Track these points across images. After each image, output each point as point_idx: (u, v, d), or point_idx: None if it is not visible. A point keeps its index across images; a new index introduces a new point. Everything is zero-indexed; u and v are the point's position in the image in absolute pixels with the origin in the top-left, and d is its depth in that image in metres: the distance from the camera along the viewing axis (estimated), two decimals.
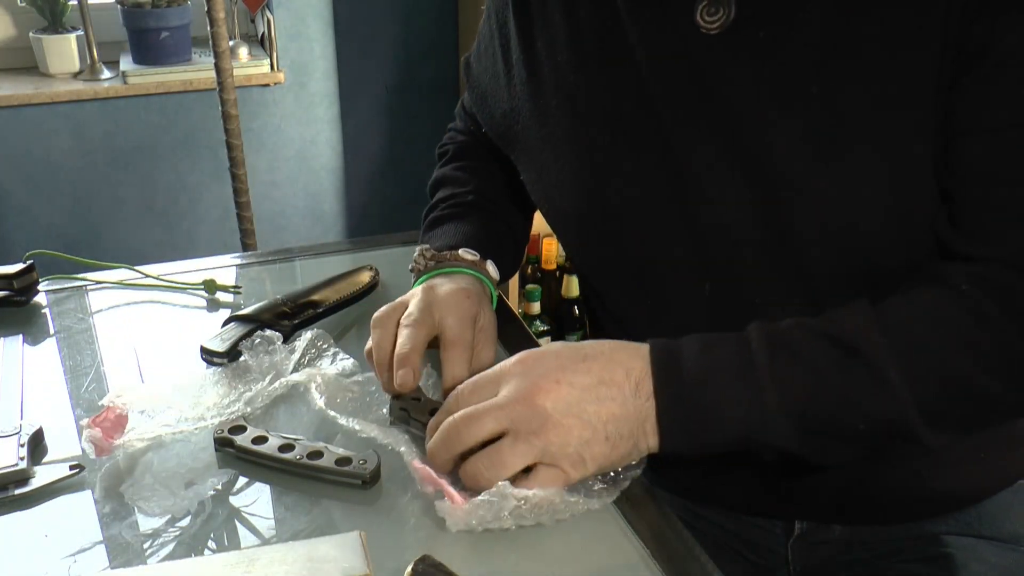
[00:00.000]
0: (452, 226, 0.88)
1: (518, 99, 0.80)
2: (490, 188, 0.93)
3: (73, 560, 0.62)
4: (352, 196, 2.41)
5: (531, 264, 2.33)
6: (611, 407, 0.63)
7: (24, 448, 0.70)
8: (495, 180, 0.93)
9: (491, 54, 0.85)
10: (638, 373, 0.64)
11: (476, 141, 0.96)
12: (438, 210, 0.91)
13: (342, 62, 2.26)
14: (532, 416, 0.63)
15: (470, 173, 0.94)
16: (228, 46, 1.77)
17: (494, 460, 0.63)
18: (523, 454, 0.62)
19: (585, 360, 0.65)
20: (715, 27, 0.66)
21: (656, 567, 0.62)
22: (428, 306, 0.75)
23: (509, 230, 0.92)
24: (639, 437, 0.64)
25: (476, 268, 0.83)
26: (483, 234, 0.87)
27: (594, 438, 0.63)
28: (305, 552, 0.59)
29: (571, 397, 0.63)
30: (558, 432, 0.62)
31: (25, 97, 2.01)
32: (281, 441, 0.70)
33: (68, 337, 0.90)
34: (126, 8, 2.05)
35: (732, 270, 0.71)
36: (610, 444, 0.63)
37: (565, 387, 0.63)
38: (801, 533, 0.82)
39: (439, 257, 0.83)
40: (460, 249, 0.83)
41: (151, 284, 1.00)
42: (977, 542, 0.79)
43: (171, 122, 2.18)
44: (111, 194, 2.20)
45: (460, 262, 0.82)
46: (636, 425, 0.64)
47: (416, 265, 0.84)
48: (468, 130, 0.99)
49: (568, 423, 0.63)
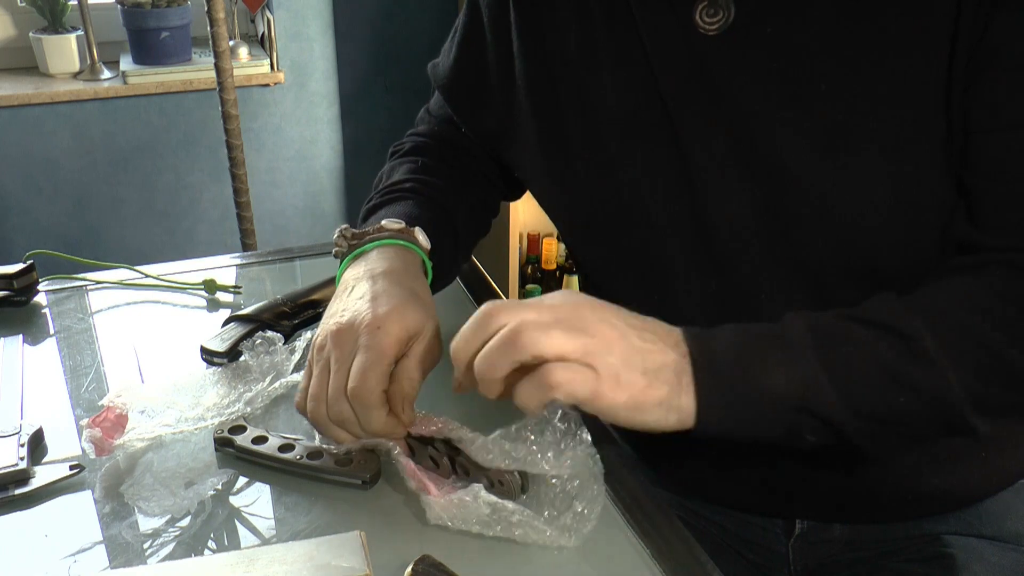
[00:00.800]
0: (384, 211, 0.82)
1: (517, 94, 0.80)
2: (434, 179, 0.87)
3: (73, 560, 0.62)
4: (352, 196, 2.41)
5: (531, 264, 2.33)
6: (652, 348, 0.59)
7: (24, 448, 0.70)
8: (446, 174, 0.89)
9: (477, 48, 0.83)
10: (677, 335, 0.61)
11: (438, 143, 0.93)
12: (372, 201, 0.85)
13: (342, 62, 2.26)
14: (578, 318, 0.59)
15: (417, 167, 0.89)
16: (228, 46, 1.77)
17: (534, 335, 0.57)
18: (565, 341, 0.57)
19: (627, 313, 0.62)
20: (714, 28, 0.66)
21: (656, 567, 0.62)
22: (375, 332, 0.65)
23: (447, 214, 0.84)
24: (674, 388, 0.59)
25: (402, 236, 0.76)
26: (415, 211, 0.80)
27: (633, 363, 0.58)
28: (305, 552, 0.59)
29: (618, 324, 0.59)
30: (601, 339, 0.58)
31: (25, 97, 2.01)
32: (281, 441, 0.70)
33: (68, 337, 0.90)
34: (126, 8, 2.05)
35: (739, 267, 0.71)
36: (647, 379, 0.58)
37: (611, 313, 0.60)
38: (801, 532, 0.82)
39: (359, 234, 0.76)
40: (384, 220, 0.77)
41: (151, 284, 1.00)
42: (978, 542, 0.78)
43: (171, 122, 2.18)
44: (111, 194, 2.20)
45: (383, 232, 0.76)
46: (673, 375, 0.59)
47: (338, 248, 0.77)
48: (432, 133, 0.95)
49: (611, 336, 0.58)
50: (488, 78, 0.83)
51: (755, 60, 0.65)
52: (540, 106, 0.78)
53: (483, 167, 0.92)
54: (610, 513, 0.66)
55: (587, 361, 0.57)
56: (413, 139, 0.96)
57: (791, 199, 0.67)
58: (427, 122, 0.98)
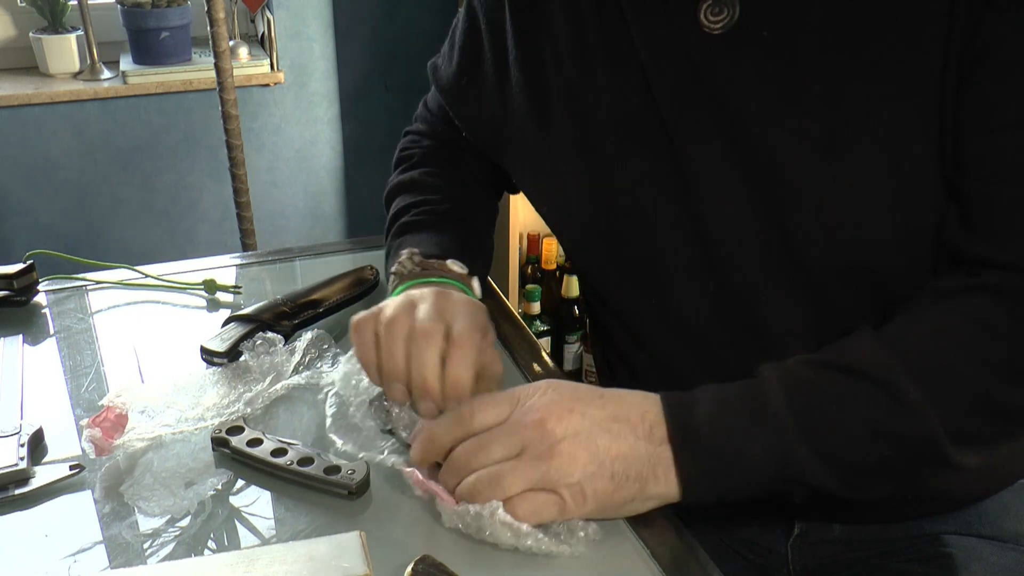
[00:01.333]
0: (431, 235, 0.84)
1: (513, 101, 0.80)
2: (463, 198, 0.90)
3: (73, 560, 0.62)
4: (352, 196, 2.41)
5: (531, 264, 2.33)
6: (621, 445, 0.61)
7: (24, 448, 0.70)
8: (467, 190, 0.91)
9: (475, 54, 0.84)
10: (652, 417, 0.63)
11: (443, 145, 0.94)
12: (411, 214, 0.87)
13: (342, 62, 2.26)
14: (540, 439, 0.61)
15: (442, 180, 0.91)
16: (228, 46, 1.77)
17: (494, 480, 0.61)
18: (525, 477, 0.61)
19: (601, 397, 0.64)
20: (719, 27, 0.66)
21: (656, 567, 0.62)
22: (440, 312, 0.70)
23: (482, 246, 0.88)
24: (648, 480, 0.62)
25: (463, 282, 0.79)
26: (465, 248, 0.83)
27: (599, 472, 0.61)
28: (305, 552, 0.59)
29: (582, 427, 0.62)
30: (564, 459, 0.61)
31: (25, 97, 2.01)
32: (276, 445, 0.69)
33: (68, 337, 0.90)
34: (126, 8, 2.05)
35: (737, 269, 0.71)
36: (614, 483, 0.61)
37: (578, 416, 0.62)
38: (800, 533, 0.82)
39: (426, 264, 0.79)
40: (448, 260, 0.80)
41: (151, 284, 1.00)
42: (977, 542, 0.79)
43: (171, 122, 2.18)
44: (111, 194, 2.20)
45: (449, 273, 0.79)
46: (646, 467, 0.62)
47: (401, 268, 0.79)
48: (434, 133, 0.96)
49: (575, 452, 0.61)
50: (487, 84, 0.83)
51: (755, 60, 0.65)
52: (536, 111, 0.78)
53: (485, 166, 0.93)
54: None
55: (550, 488, 0.61)
56: (419, 143, 0.96)
57: (788, 201, 0.67)
58: (427, 120, 0.98)
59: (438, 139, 0.95)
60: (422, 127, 0.98)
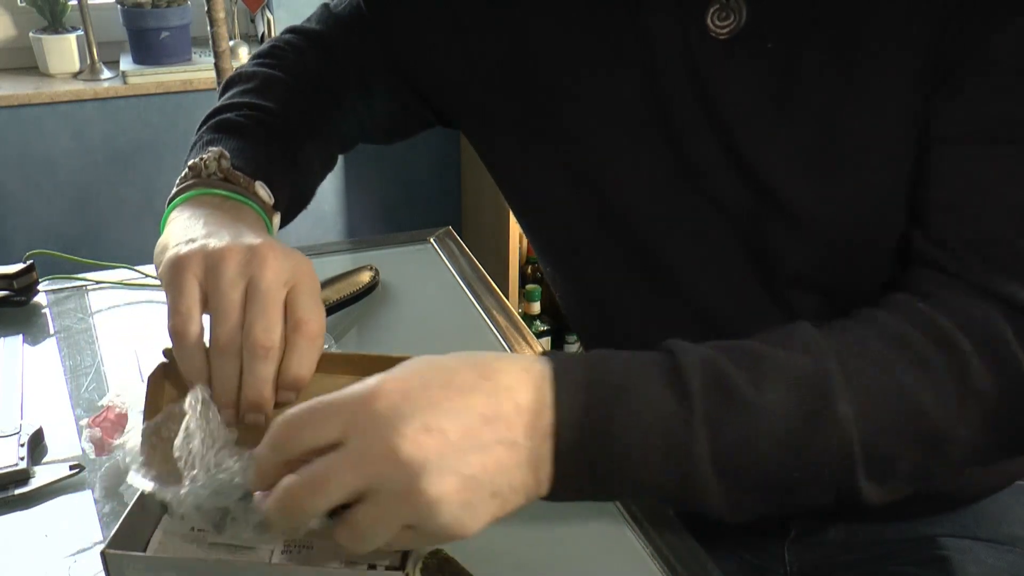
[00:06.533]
0: (251, 148, 0.73)
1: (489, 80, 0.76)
2: (307, 129, 0.80)
3: (73, 560, 0.62)
4: (352, 196, 2.41)
5: (531, 264, 2.33)
6: (498, 453, 0.48)
7: (24, 448, 0.70)
8: (321, 122, 0.82)
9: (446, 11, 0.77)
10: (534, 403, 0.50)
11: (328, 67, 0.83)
12: (240, 113, 0.76)
13: None
14: (394, 475, 0.47)
15: (299, 100, 0.80)
16: (228, 46, 1.77)
17: (354, 535, 0.48)
18: (388, 526, 0.48)
19: (461, 392, 0.49)
20: (725, 32, 0.66)
21: (655, 567, 0.62)
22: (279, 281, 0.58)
23: (300, 187, 0.80)
24: (530, 488, 0.50)
25: (266, 211, 0.69)
26: (282, 179, 0.74)
27: (477, 498, 0.48)
28: None
29: (445, 447, 0.47)
30: (429, 496, 0.47)
31: (25, 97, 2.02)
32: None
33: (68, 337, 0.90)
34: (126, 8, 2.05)
35: (730, 274, 0.71)
36: (499, 501, 0.49)
37: (436, 436, 0.47)
38: (797, 534, 0.83)
39: (231, 175, 0.68)
40: (257, 182, 0.69)
41: (151, 284, 1.00)
42: (974, 544, 0.79)
43: (171, 122, 2.18)
44: (111, 194, 2.20)
45: (253, 196, 0.68)
46: (529, 473, 0.50)
47: (202, 166, 0.67)
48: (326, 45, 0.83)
49: (443, 484, 0.47)
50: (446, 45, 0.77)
51: (755, 69, 0.65)
52: (519, 90, 0.75)
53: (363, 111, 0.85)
54: (610, 513, 0.67)
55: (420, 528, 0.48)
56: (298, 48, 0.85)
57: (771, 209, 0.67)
58: (327, 24, 0.85)
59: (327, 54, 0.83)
60: (318, 28, 0.85)
